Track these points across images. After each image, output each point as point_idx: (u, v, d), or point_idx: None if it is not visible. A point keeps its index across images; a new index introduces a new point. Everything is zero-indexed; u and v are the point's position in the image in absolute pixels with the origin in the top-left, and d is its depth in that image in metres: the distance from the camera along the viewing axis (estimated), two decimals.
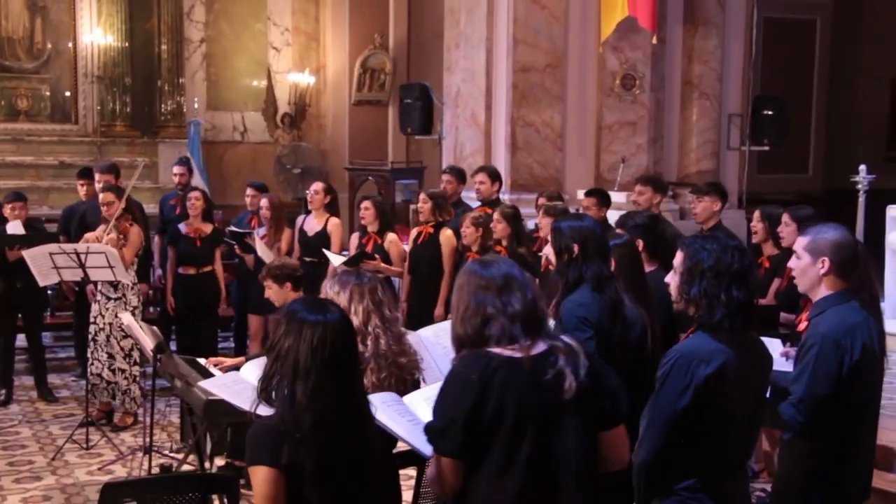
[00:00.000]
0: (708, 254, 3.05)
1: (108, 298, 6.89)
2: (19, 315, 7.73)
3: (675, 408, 2.98)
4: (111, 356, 6.90)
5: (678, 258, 3.15)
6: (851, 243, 3.57)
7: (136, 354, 6.92)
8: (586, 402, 2.73)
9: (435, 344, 3.73)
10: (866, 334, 3.46)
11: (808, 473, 3.48)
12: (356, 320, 3.35)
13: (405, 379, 3.34)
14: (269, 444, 2.57)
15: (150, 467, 5.89)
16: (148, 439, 5.99)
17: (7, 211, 7.47)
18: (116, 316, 6.80)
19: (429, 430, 2.75)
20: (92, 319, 6.99)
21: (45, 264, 6.56)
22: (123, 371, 6.90)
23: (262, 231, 7.74)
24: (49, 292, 8.08)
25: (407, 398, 3.16)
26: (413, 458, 4.07)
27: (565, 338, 2.81)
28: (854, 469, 3.56)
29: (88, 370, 6.98)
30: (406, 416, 3.07)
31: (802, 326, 4.31)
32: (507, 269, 2.83)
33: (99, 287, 6.88)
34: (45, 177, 11.71)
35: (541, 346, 2.74)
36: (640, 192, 7.11)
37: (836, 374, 3.37)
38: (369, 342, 3.35)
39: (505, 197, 8.40)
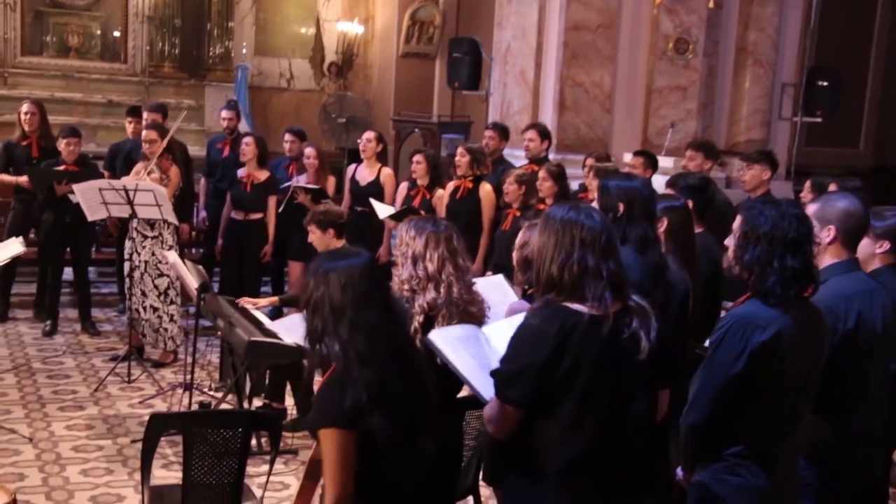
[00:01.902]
0: (765, 219, 3.01)
1: (144, 236, 6.95)
2: (67, 249, 7.85)
3: (727, 373, 2.97)
4: (144, 294, 6.98)
5: (737, 222, 3.12)
6: (861, 213, 3.51)
7: (171, 294, 6.99)
8: (654, 364, 2.75)
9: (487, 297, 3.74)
10: (868, 304, 3.40)
11: (808, 447, 3.40)
12: (431, 266, 3.38)
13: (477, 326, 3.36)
14: (330, 403, 2.61)
15: (189, 404, 6.00)
16: (188, 377, 6.10)
17: (62, 146, 7.55)
18: (152, 254, 6.87)
19: (496, 375, 2.76)
20: (127, 256, 7.07)
21: (95, 199, 6.64)
22: (156, 309, 6.97)
23: (303, 178, 7.75)
24: (96, 227, 8.18)
25: (437, 336, 3.16)
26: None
27: (637, 298, 2.81)
28: (857, 445, 3.48)
29: (127, 306, 7.07)
30: (478, 357, 3.06)
31: None
32: (608, 225, 2.83)
33: (135, 225, 6.95)
34: (93, 114, 11.80)
35: (619, 305, 2.75)
36: (690, 157, 7.05)
37: None
38: (442, 289, 3.37)
39: (550, 157, 8.35)
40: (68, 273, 8.04)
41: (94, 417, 6.07)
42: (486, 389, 2.88)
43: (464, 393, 3.39)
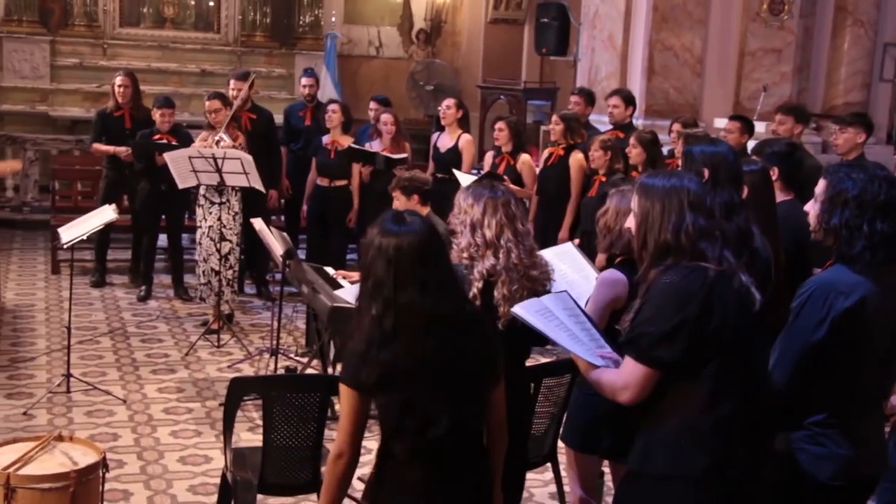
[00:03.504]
0: (853, 183, 2.91)
1: (212, 203, 7.07)
2: (162, 216, 8.05)
3: (809, 340, 2.88)
4: (205, 259, 7.11)
5: (820, 186, 3.02)
6: None
7: (231, 259, 7.10)
8: (764, 320, 2.76)
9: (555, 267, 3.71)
10: None
11: None
12: (489, 233, 3.36)
13: (537, 291, 3.33)
14: (354, 366, 2.62)
15: (275, 368, 6.12)
16: (274, 342, 6.22)
17: (157, 116, 7.73)
18: (218, 219, 6.98)
19: (641, 339, 2.68)
20: (197, 223, 7.22)
21: (185, 167, 6.78)
22: (217, 273, 7.09)
23: (377, 143, 7.77)
24: (189, 195, 8.35)
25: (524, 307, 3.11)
26: (564, 367, 4.06)
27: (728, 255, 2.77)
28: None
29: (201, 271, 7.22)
30: (562, 326, 2.96)
31: None
32: (711, 193, 2.84)
33: (202, 192, 7.07)
34: (187, 84, 12.01)
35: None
36: (780, 121, 6.85)
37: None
38: (501, 255, 3.35)
39: (638, 122, 8.22)
40: (163, 240, 8.24)
41: (185, 381, 6.24)
42: (589, 355, 2.81)
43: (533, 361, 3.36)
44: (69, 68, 11.78)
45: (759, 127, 7.83)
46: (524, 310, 2.88)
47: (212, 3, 12.57)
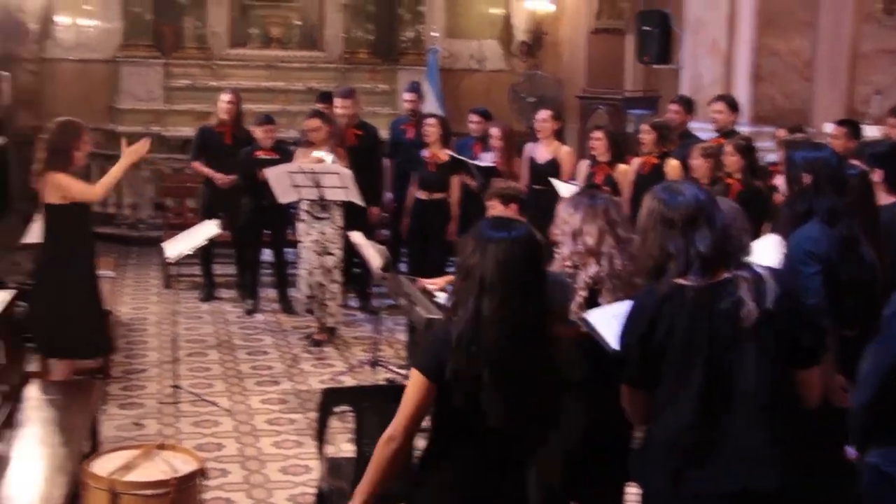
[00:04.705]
0: None
1: (315, 217, 7.17)
2: (265, 231, 8.23)
3: None
4: (310, 273, 7.20)
5: None
6: None
7: (335, 273, 7.19)
8: (772, 332, 2.64)
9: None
10: None
11: None
12: (590, 240, 3.34)
13: None
14: (435, 355, 2.65)
15: (375, 380, 6.17)
16: (376, 354, 6.28)
17: (259, 133, 7.91)
18: (322, 233, 7.08)
19: (614, 358, 2.78)
20: (299, 238, 7.33)
21: (285, 183, 6.92)
22: (321, 286, 7.18)
23: (489, 157, 7.78)
24: (291, 211, 8.52)
25: (593, 314, 3.13)
26: None
27: (756, 267, 2.72)
28: None
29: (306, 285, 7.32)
30: None
31: None
32: (696, 200, 2.76)
33: (305, 207, 7.18)
34: (293, 101, 12.23)
35: (723, 276, 2.69)
36: (893, 124, 6.61)
37: None
38: (604, 262, 3.32)
39: (745, 129, 8.03)
40: (267, 254, 8.41)
41: (288, 392, 6.35)
42: None
43: None
44: (181, 90, 12.17)
45: (873, 132, 7.55)
46: (593, 315, 2.92)
47: (316, 22, 12.82)
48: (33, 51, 11.93)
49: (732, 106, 7.50)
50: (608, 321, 2.96)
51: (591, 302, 3.30)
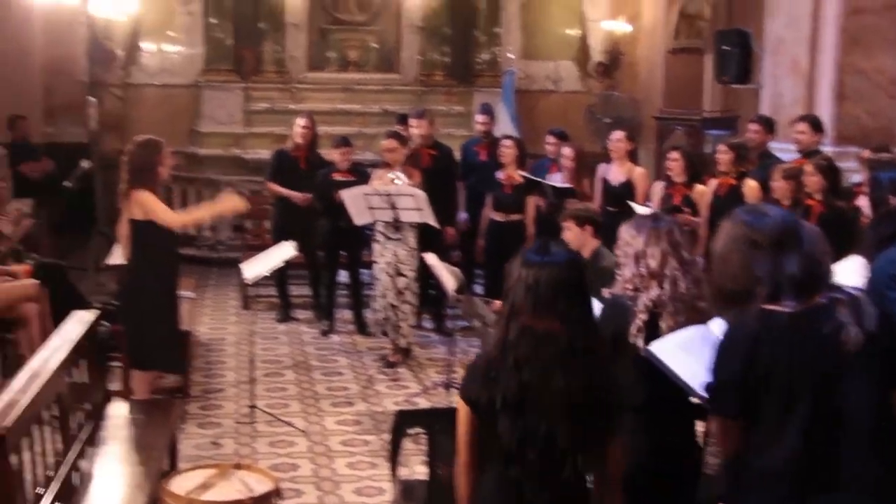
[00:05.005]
0: None
1: (388, 238, 7.21)
2: (342, 253, 8.30)
3: None
4: (383, 294, 7.23)
5: None
6: None
7: (408, 294, 7.20)
8: (878, 356, 2.54)
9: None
10: None
11: None
12: (653, 263, 3.28)
13: (705, 324, 3.23)
14: (470, 381, 2.70)
15: (449, 402, 6.15)
16: (449, 376, 6.27)
17: (335, 155, 8.01)
18: (394, 254, 7.11)
19: (707, 389, 2.68)
20: (374, 259, 7.37)
21: (361, 205, 6.98)
22: (394, 307, 7.20)
23: (558, 177, 7.74)
24: (368, 232, 8.57)
25: (659, 348, 3.05)
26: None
27: (850, 289, 2.62)
28: None
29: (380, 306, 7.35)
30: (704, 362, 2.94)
31: None
32: (783, 222, 2.67)
33: (380, 228, 7.21)
34: (370, 123, 12.37)
35: (819, 300, 2.58)
36: None
37: None
38: (666, 285, 3.26)
39: (828, 149, 7.85)
40: (343, 276, 8.47)
41: (363, 413, 6.38)
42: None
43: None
44: (260, 113, 12.41)
45: None
46: (657, 347, 2.83)
47: (393, 45, 12.95)
48: (119, 77, 12.29)
49: (816, 126, 7.33)
50: (675, 354, 2.88)
51: (652, 325, 3.25)
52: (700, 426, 3.58)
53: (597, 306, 3.40)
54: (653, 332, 3.23)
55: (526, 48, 13.34)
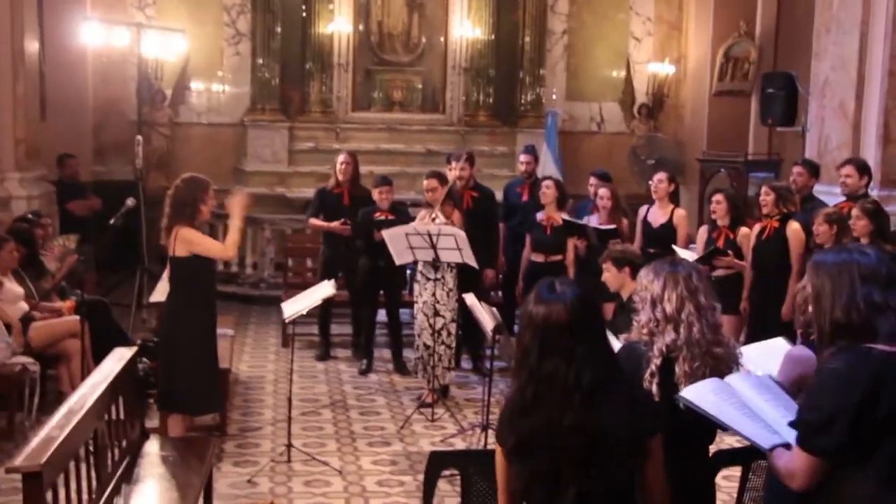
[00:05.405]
0: None
1: (427, 279, 7.22)
2: (381, 292, 8.31)
3: None
4: (419, 334, 7.23)
5: None
6: None
7: (444, 334, 7.19)
8: None
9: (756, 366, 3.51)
10: None
11: None
12: (669, 307, 3.24)
13: (721, 371, 3.17)
14: (500, 423, 2.73)
15: (485, 443, 6.10)
16: (487, 417, 6.22)
17: (376, 195, 8.04)
18: (433, 294, 7.10)
19: (800, 425, 2.61)
20: (414, 299, 7.36)
21: (402, 244, 7.00)
22: (428, 347, 7.19)
23: (595, 219, 7.71)
24: (408, 271, 8.58)
25: (694, 394, 2.99)
26: (737, 456, 3.88)
27: None
28: None
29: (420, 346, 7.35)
30: (741, 407, 2.90)
31: None
32: (884, 259, 2.68)
33: (420, 268, 7.22)
34: (412, 163, 12.43)
35: None
36: None
37: None
38: (682, 330, 3.22)
39: (874, 193, 7.74)
40: (383, 315, 8.49)
41: (399, 454, 6.34)
42: (763, 439, 2.74)
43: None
44: (305, 152, 12.54)
45: None
46: (691, 393, 2.79)
47: (437, 85, 13.04)
48: (167, 115, 12.49)
49: (863, 169, 7.24)
50: (708, 398, 2.83)
51: (666, 370, 3.21)
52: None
53: (616, 345, 3.39)
54: (668, 377, 3.19)
55: (570, 89, 13.38)
